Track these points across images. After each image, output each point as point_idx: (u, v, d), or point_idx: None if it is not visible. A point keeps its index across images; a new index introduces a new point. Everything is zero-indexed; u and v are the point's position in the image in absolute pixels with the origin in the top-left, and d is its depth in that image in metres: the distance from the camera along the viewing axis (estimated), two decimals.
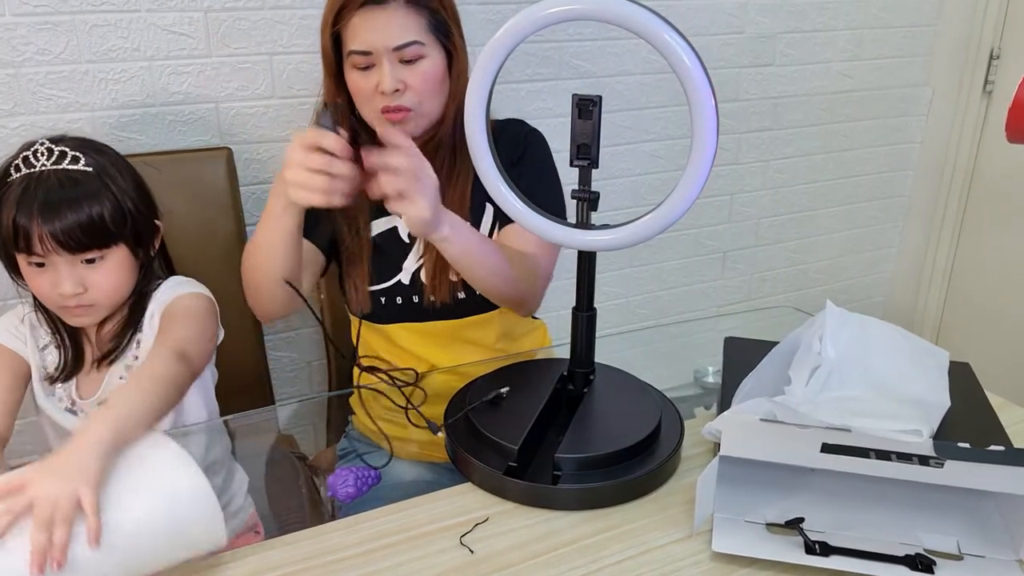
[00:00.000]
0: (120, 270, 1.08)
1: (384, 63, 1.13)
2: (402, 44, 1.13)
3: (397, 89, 1.14)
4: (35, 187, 1.01)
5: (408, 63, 1.14)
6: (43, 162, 1.03)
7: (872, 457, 0.82)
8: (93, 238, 1.03)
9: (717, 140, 0.86)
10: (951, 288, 2.48)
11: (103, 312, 1.10)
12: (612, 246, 0.96)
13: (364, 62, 1.14)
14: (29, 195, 1.00)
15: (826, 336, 0.99)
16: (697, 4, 1.96)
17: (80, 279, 1.04)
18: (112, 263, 1.07)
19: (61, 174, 1.03)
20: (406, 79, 1.14)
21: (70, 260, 1.03)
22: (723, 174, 2.17)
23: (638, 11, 0.83)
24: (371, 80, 1.15)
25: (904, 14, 2.23)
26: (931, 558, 0.83)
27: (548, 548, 0.87)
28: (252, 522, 1.19)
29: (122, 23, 1.44)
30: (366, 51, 1.13)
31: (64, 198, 1.01)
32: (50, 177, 1.02)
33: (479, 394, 1.08)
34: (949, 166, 2.37)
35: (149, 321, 1.12)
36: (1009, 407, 1.11)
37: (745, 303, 2.36)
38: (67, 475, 0.75)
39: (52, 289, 1.04)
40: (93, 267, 1.05)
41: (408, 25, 1.13)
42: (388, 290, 1.25)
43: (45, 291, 1.05)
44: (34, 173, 1.02)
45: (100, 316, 1.10)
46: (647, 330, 2.08)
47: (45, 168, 1.03)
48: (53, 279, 1.04)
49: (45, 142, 1.04)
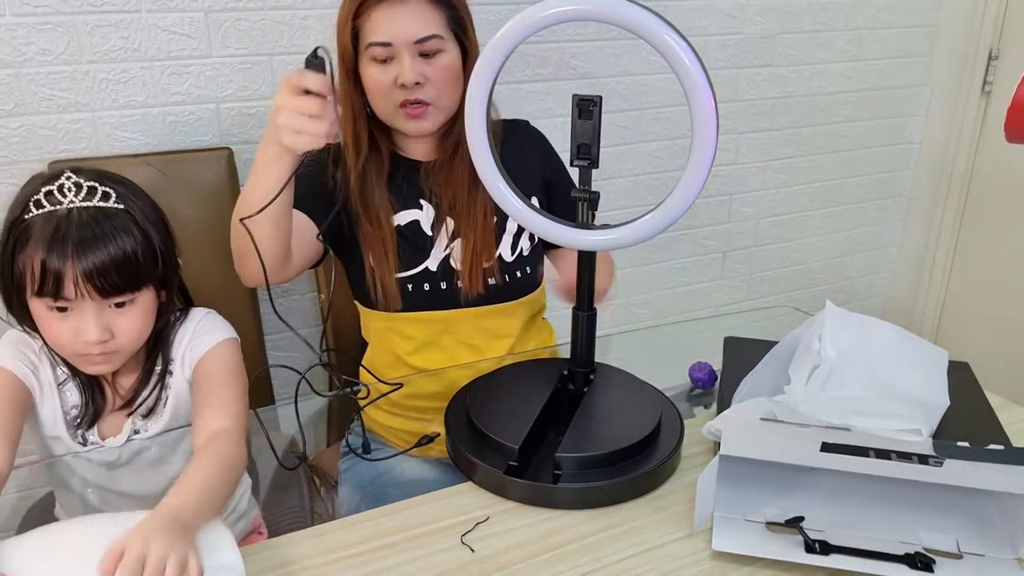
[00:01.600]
0: (146, 314, 1.01)
1: (404, 56, 1.14)
2: (423, 37, 1.14)
3: (417, 82, 1.15)
4: (66, 226, 0.92)
5: (427, 57, 1.16)
6: (71, 198, 0.94)
7: (872, 456, 0.83)
8: (127, 280, 0.96)
9: (717, 140, 0.87)
10: (950, 288, 2.48)
11: (123, 360, 1.02)
12: (612, 246, 0.96)
13: (384, 54, 1.15)
14: (61, 234, 0.92)
15: (826, 336, 0.99)
16: (696, 5, 1.96)
17: (107, 324, 0.96)
18: (139, 307, 0.99)
19: (94, 211, 0.95)
20: (426, 72, 1.16)
21: (99, 305, 0.95)
22: (722, 174, 2.17)
23: (638, 12, 0.84)
24: (390, 73, 1.16)
25: (903, 15, 2.24)
26: (930, 557, 0.83)
27: (549, 547, 0.87)
28: (256, 524, 1.19)
29: (123, 24, 1.45)
30: (387, 43, 1.14)
31: (100, 236, 0.93)
32: (82, 215, 0.94)
33: (480, 394, 1.08)
34: (948, 166, 2.38)
35: (180, 368, 1.07)
36: (1008, 406, 1.11)
37: (744, 303, 2.36)
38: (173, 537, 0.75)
39: (75, 337, 0.96)
40: (120, 312, 0.98)
41: (429, 19, 1.15)
42: (415, 277, 1.24)
43: (65, 340, 0.96)
44: (61, 210, 0.94)
45: (119, 364, 1.02)
46: (647, 330, 2.08)
47: (75, 205, 0.94)
48: (77, 326, 0.95)
49: (72, 176, 0.96)
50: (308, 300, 1.76)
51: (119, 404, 1.07)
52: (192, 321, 1.09)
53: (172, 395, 1.07)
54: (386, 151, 1.25)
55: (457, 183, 1.24)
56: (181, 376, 1.07)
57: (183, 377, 1.07)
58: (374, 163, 1.24)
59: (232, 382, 1.05)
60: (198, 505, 0.82)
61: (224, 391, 1.03)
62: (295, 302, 1.76)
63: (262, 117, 1.59)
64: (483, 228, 1.24)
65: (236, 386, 1.05)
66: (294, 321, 1.77)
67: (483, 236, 1.24)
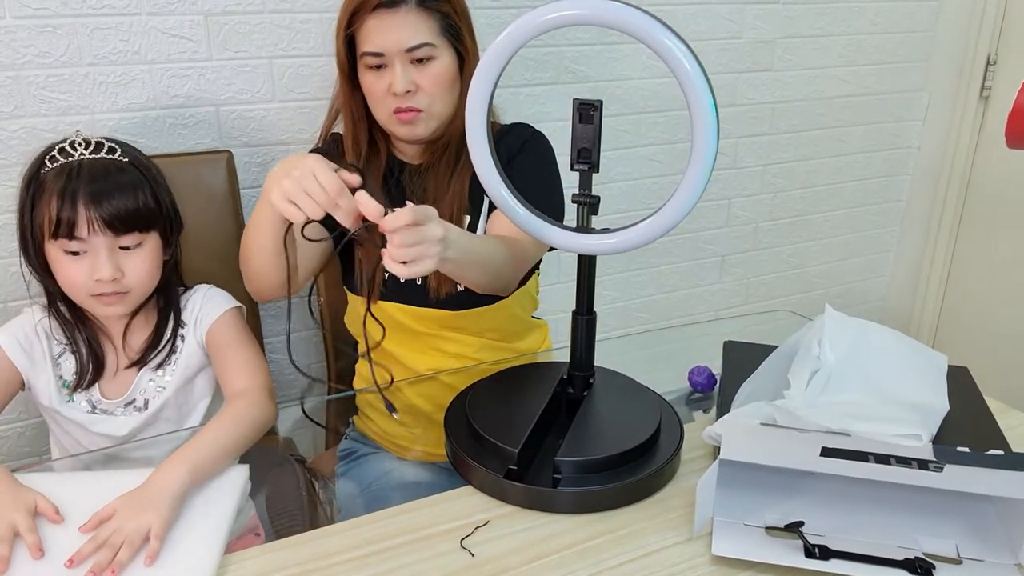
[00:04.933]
0: (154, 257, 1.12)
1: (396, 64, 1.16)
2: (413, 46, 1.15)
3: (409, 90, 1.16)
4: (77, 174, 1.04)
5: (419, 64, 1.17)
6: (81, 151, 1.07)
7: (871, 461, 0.83)
8: (136, 221, 1.07)
9: (717, 145, 0.87)
10: (948, 293, 2.49)
11: (134, 302, 1.12)
12: (612, 250, 0.96)
13: (376, 62, 1.17)
14: (73, 182, 1.04)
15: (825, 340, 0.99)
16: (695, 9, 1.96)
17: (117, 264, 1.07)
18: (147, 250, 1.10)
19: (104, 162, 1.07)
20: (417, 80, 1.17)
21: (110, 244, 1.06)
22: (721, 178, 2.17)
23: (639, 16, 0.84)
24: (384, 81, 1.17)
25: (901, 20, 2.24)
26: (930, 562, 0.83)
27: (548, 551, 0.87)
28: (252, 524, 1.19)
29: (123, 26, 1.44)
30: (378, 52, 1.16)
31: (109, 182, 1.05)
32: (93, 164, 1.06)
33: (479, 397, 1.08)
34: (946, 171, 2.38)
35: (192, 330, 1.18)
36: (1007, 411, 1.12)
37: (743, 307, 2.37)
38: (144, 508, 0.88)
39: (88, 276, 1.06)
40: (129, 253, 1.09)
41: (420, 27, 1.16)
42: None
43: (80, 280, 1.07)
44: (72, 162, 1.06)
45: (130, 306, 1.13)
46: (646, 334, 2.08)
47: (84, 157, 1.07)
48: (91, 264, 1.06)
49: (80, 132, 1.08)
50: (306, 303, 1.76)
51: (127, 363, 1.16)
52: (199, 292, 1.21)
53: (183, 355, 1.17)
54: (384, 154, 1.27)
55: (436, 185, 1.25)
56: (193, 339, 1.18)
57: (195, 340, 1.18)
58: (372, 165, 1.25)
59: (248, 345, 1.19)
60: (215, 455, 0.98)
61: (241, 354, 1.17)
62: (294, 304, 1.75)
63: (262, 120, 1.59)
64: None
65: (252, 348, 1.19)
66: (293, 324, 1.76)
67: None
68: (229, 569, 0.85)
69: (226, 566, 0.86)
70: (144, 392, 1.17)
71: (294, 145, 1.63)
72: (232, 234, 1.48)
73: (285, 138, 1.62)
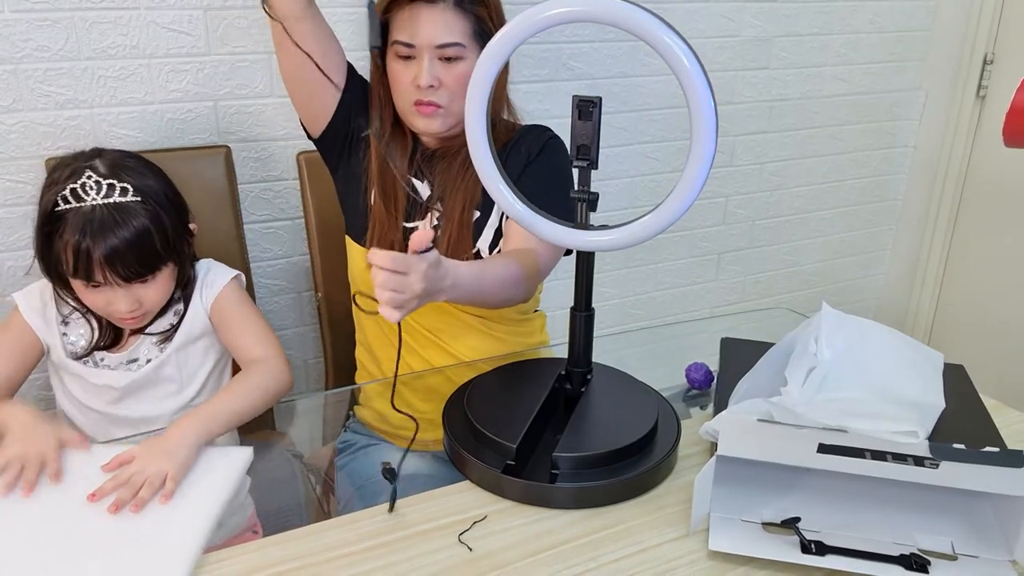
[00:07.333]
0: (168, 283, 1.18)
1: (424, 58, 1.17)
2: (444, 43, 1.17)
3: (432, 85, 1.18)
4: (89, 226, 1.08)
5: (447, 62, 1.18)
6: (93, 196, 1.09)
7: (868, 458, 0.83)
8: (146, 266, 1.12)
9: (716, 142, 0.87)
10: (944, 291, 2.49)
11: (151, 315, 1.19)
12: (610, 247, 0.96)
13: (406, 53, 1.18)
14: (86, 240, 1.08)
15: (822, 337, 1.00)
16: (693, 7, 1.97)
17: (135, 298, 1.13)
18: (161, 280, 1.16)
19: (113, 208, 1.10)
20: (442, 77, 1.18)
21: (126, 285, 1.12)
22: (718, 176, 2.18)
23: (639, 13, 0.84)
24: (410, 72, 1.19)
25: (898, 19, 2.25)
26: (926, 558, 0.84)
27: (546, 546, 0.87)
28: (251, 522, 1.19)
29: (121, 20, 1.44)
30: (409, 43, 1.17)
31: (121, 237, 1.09)
32: (104, 214, 1.09)
33: (478, 393, 1.09)
34: (942, 170, 2.39)
35: (199, 297, 1.23)
36: (1003, 409, 1.12)
37: (740, 304, 2.37)
38: (162, 454, 0.96)
39: (107, 306, 1.14)
40: (145, 285, 1.14)
41: (453, 26, 1.17)
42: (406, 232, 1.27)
43: (99, 306, 1.14)
44: (86, 207, 1.09)
45: (148, 319, 1.20)
46: (643, 331, 2.08)
47: (96, 203, 1.09)
48: (108, 298, 1.13)
49: (92, 175, 1.10)
50: (305, 299, 1.76)
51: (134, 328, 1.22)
52: (202, 264, 1.27)
53: (187, 319, 1.23)
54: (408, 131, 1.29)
55: (449, 177, 1.26)
56: (200, 305, 1.23)
57: (201, 307, 1.23)
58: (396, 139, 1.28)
59: (257, 314, 1.26)
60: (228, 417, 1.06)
61: (255, 323, 1.23)
62: (292, 300, 1.76)
63: (260, 115, 1.59)
64: (460, 221, 1.25)
65: (261, 317, 1.26)
66: (291, 320, 1.77)
67: (459, 229, 1.25)
68: (227, 563, 0.85)
69: (223, 560, 0.86)
70: (147, 352, 1.21)
71: (292, 140, 1.63)
72: (230, 229, 1.49)
73: (283, 133, 1.62)
